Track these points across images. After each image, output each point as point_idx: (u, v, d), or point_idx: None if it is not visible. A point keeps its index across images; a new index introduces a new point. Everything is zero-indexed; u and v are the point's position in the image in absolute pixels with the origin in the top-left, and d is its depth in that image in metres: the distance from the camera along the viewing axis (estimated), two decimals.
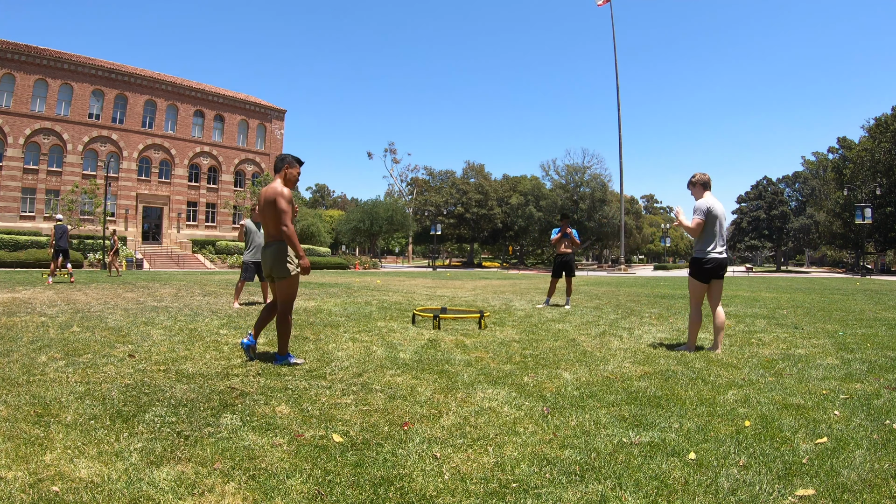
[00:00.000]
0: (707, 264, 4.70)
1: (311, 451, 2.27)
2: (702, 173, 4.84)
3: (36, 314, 6.75)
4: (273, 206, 3.96)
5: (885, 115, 46.94)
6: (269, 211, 3.99)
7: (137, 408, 2.81)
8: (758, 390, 3.36)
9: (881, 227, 45.46)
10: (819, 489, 1.96)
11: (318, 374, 3.71)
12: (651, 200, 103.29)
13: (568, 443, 2.42)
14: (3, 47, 36.72)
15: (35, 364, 3.80)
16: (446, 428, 2.60)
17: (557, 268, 9.34)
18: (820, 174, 68.02)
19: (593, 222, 55.56)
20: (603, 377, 3.71)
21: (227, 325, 6.09)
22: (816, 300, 11.21)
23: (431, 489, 1.94)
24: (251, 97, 50.88)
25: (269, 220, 4.04)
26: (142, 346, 4.67)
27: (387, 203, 52.21)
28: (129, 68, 43.30)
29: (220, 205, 47.32)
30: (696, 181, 4.82)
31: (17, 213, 37.83)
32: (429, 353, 4.55)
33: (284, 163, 4.14)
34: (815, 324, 6.92)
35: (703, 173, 4.84)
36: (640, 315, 7.82)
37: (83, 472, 2.00)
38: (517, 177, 64.95)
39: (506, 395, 3.20)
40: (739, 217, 74.30)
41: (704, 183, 4.81)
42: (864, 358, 4.47)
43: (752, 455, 2.28)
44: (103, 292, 10.60)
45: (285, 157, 4.16)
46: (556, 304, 9.34)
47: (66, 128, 39.43)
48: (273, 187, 4.02)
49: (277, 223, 3.98)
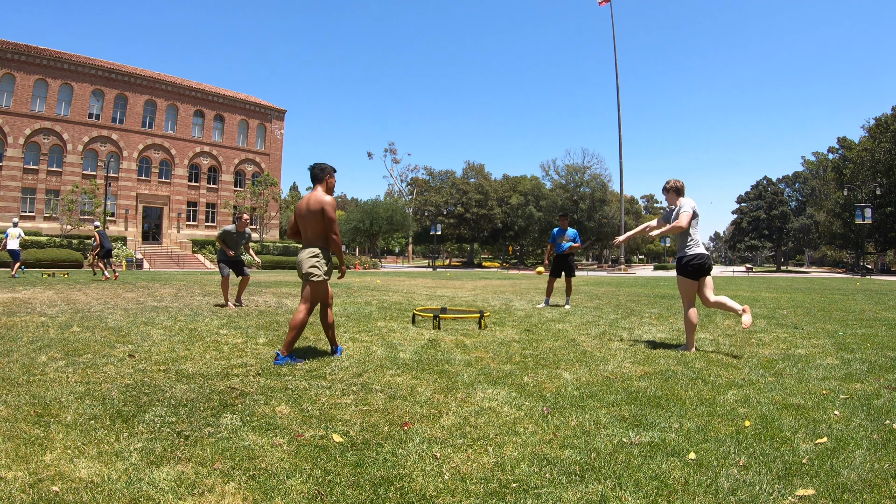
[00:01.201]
0: (695, 261, 4.87)
1: (311, 451, 2.26)
2: (675, 179, 5.11)
3: (36, 314, 6.75)
4: (321, 214, 4.05)
5: (885, 115, 46.96)
6: (314, 219, 4.08)
7: (137, 408, 2.81)
8: (758, 390, 3.36)
9: (881, 227, 45.46)
10: (819, 489, 1.96)
11: (318, 374, 3.71)
12: (651, 200, 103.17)
13: (568, 443, 2.42)
14: (3, 47, 36.71)
15: (35, 364, 3.80)
16: (446, 428, 2.60)
17: (556, 267, 9.30)
18: (820, 174, 68.02)
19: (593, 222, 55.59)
20: (603, 377, 3.71)
21: (227, 325, 6.09)
22: (816, 300, 11.21)
23: (431, 489, 1.94)
24: (251, 97, 50.88)
25: (310, 227, 4.12)
26: (142, 346, 4.67)
27: (387, 203, 52.23)
28: (129, 68, 43.29)
29: (220, 205, 47.32)
30: (671, 187, 5.08)
31: (17, 213, 37.81)
32: (429, 353, 4.55)
33: (325, 172, 4.19)
34: (815, 324, 6.92)
35: (677, 179, 5.11)
36: (640, 315, 7.82)
37: (83, 472, 2.00)
38: (517, 177, 64.94)
39: (506, 395, 3.20)
40: (739, 217, 74.27)
41: (678, 189, 5.07)
42: (864, 358, 4.47)
43: (752, 455, 2.28)
44: (103, 292, 10.61)
45: (325, 167, 4.20)
46: (557, 305, 9.34)
47: (66, 128, 39.43)
48: (319, 197, 4.08)
49: (322, 230, 4.10)
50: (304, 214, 4.12)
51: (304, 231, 4.17)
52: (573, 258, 9.43)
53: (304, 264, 4.11)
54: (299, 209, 4.19)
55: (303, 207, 4.15)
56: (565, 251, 9.19)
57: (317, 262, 4.10)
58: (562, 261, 9.24)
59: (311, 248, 4.12)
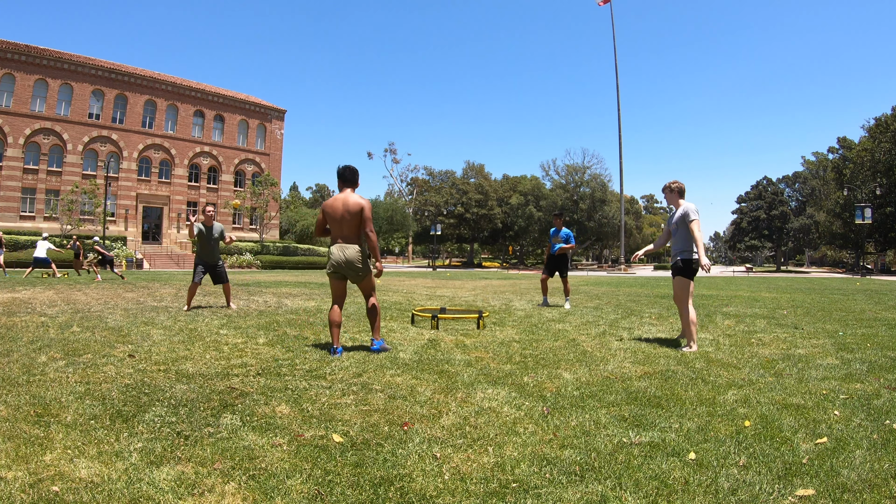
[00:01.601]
0: (696, 264, 5.10)
1: (311, 451, 2.26)
2: (679, 181, 5.26)
3: (36, 314, 6.75)
4: (360, 214, 4.46)
5: (885, 115, 46.96)
6: (353, 218, 4.46)
7: (137, 408, 2.81)
8: (758, 390, 3.36)
9: (881, 227, 45.44)
10: (819, 489, 1.96)
11: (318, 374, 3.71)
12: (651, 200, 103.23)
13: (568, 443, 2.42)
14: (3, 47, 36.71)
15: (35, 364, 3.80)
16: (446, 428, 2.60)
17: (549, 266, 9.24)
18: (820, 174, 68.01)
19: (593, 222, 55.60)
20: (603, 377, 3.71)
21: (227, 325, 6.09)
22: (816, 300, 11.21)
23: (431, 489, 1.94)
24: (251, 97, 50.87)
25: (347, 226, 4.48)
26: (142, 346, 4.67)
27: (387, 203, 52.20)
28: (129, 68, 43.29)
29: (220, 205, 47.29)
30: (676, 188, 5.25)
31: (17, 213, 37.83)
32: (429, 353, 4.55)
33: (357, 175, 4.60)
34: (815, 324, 6.92)
35: (680, 182, 5.26)
36: (640, 315, 7.82)
37: (83, 472, 2.00)
38: (517, 177, 64.94)
39: (506, 395, 3.20)
40: (739, 217, 74.25)
41: (682, 191, 5.25)
42: (864, 358, 4.47)
43: (752, 455, 2.28)
44: (103, 292, 10.61)
45: (357, 170, 4.61)
46: (557, 305, 9.33)
47: (66, 128, 39.42)
48: (357, 199, 4.49)
49: (359, 229, 4.50)
50: (342, 214, 4.45)
51: (338, 229, 4.49)
52: (568, 257, 9.35)
53: (354, 262, 4.48)
54: (334, 209, 4.48)
55: (339, 208, 4.46)
56: (556, 252, 9.17)
57: (364, 258, 4.53)
58: (555, 260, 9.21)
59: (353, 245, 4.48)
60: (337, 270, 4.51)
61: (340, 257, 4.45)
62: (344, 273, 4.52)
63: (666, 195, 5.32)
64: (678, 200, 5.21)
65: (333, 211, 4.48)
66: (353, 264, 4.47)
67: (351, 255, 4.45)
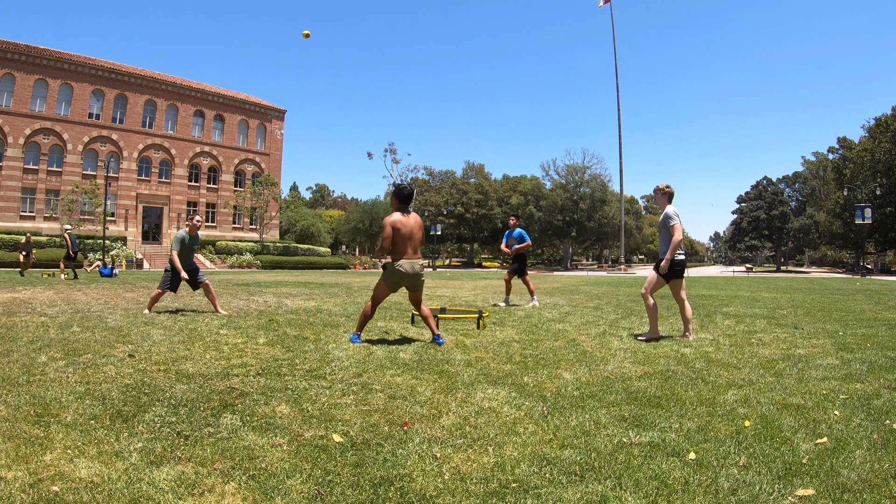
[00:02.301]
0: (679, 265, 5.39)
1: (311, 451, 2.26)
2: (671, 186, 5.42)
3: (36, 314, 6.75)
4: (422, 230, 5.16)
5: (885, 115, 46.94)
6: (420, 234, 5.12)
7: (137, 408, 2.81)
8: (758, 390, 3.36)
9: (881, 227, 45.42)
10: (819, 489, 1.96)
11: (318, 374, 3.71)
12: (651, 200, 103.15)
13: (568, 443, 2.41)
14: (3, 47, 36.72)
15: (35, 364, 3.80)
16: (446, 428, 2.60)
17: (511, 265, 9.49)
18: (820, 174, 67.97)
19: (593, 222, 55.59)
20: (603, 377, 3.71)
21: (227, 325, 6.09)
22: (816, 300, 11.20)
23: (431, 489, 1.94)
24: (251, 97, 50.87)
25: (417, 240, 5.11)
26: (142, 346, 4.67)
27: (387, 203, 52.20)
28: (129, 68, 43.30)
29: (220, 205, 47.36)
30: (667, 192, 5.42)
31: (17, 213, 37.85)
32: (429, 353, 4.55)
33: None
34: (815, 324, 6.92)
35: (672, 187, 5.43)
36: (640, 315, 7.82)
37: (83, 472, 2.00)
38: (517, 177, 64.98)
39: (506, 395, 3.20)
40: (739, 217, 74.27)
41: (670, 195, 5.44)
42: (864, 358, 4.47)
43: (752, 455, 2.28)
44: (103, 292, 10.61)
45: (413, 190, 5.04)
46: (557, 304, 9.33)
47: (66, 128, 39.43)
48: (418, 218, 5.17)
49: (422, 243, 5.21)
50: (415, 231, 5.07)
51: (409, 243, 5.04)
52: (525, 257, 9.52)
53: (422, 275, 5.17)
54: (410, 226, 5.05)
55: (412, 224, 5.06)
56: (513, 251, 9.35)
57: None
58: (514, 260, 9.43)
59: (420, 259, 5.16)
60: (403, 281, 5.06)
61: (412, 270, 5.04)
62: (408, 283, 5.10)
63: (656, 197, 5.51)
64: (665, 204, 5.42)
65: (409, 228, 5.02)
66: (420, 276, 5.14)
67: (420, 269, 5.11)
